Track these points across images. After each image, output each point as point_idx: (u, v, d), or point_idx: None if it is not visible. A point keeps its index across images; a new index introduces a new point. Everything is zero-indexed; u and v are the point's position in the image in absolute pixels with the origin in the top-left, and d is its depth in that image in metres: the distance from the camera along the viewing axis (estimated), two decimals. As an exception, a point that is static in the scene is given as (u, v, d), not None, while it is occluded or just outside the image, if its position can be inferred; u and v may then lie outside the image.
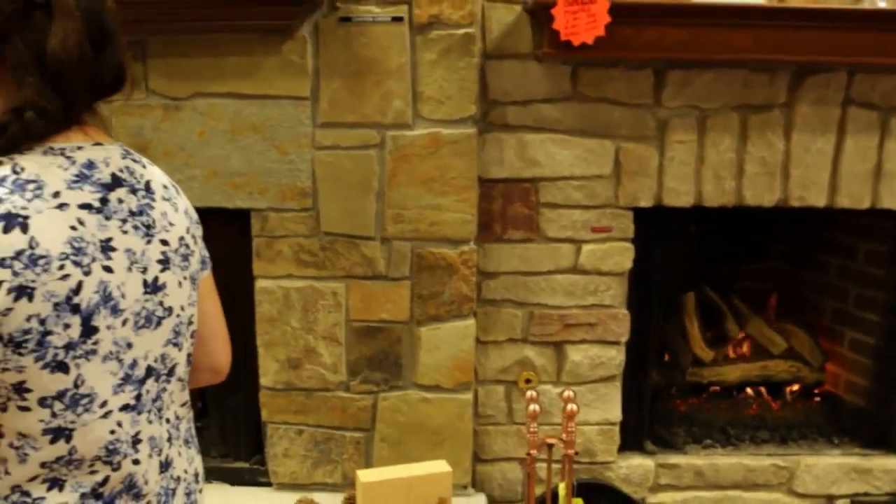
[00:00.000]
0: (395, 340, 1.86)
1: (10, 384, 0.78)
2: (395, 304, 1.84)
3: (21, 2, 0.77)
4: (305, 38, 1.72)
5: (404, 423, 1.91)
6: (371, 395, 1.90)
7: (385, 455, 1.92)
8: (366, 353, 1.87)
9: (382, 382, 1.89)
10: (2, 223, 0.74)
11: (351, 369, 1.88)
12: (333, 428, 1.92)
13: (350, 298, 1.84)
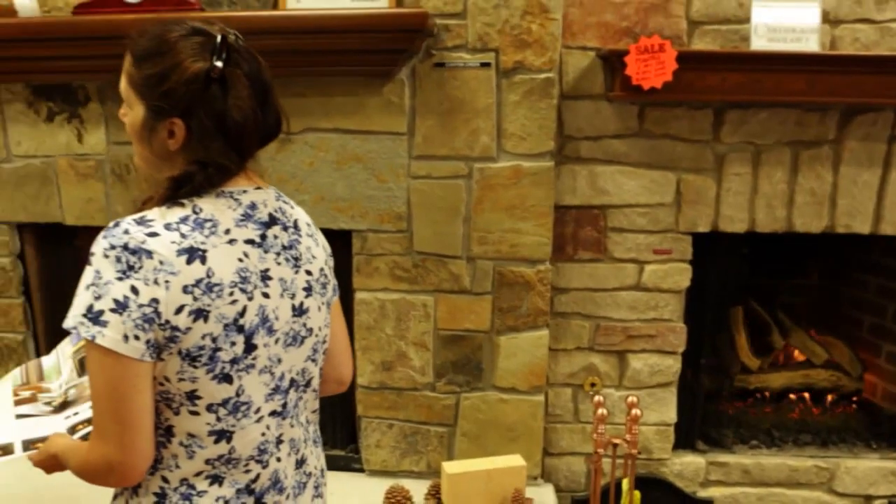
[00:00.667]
0: (476, 347, 2.10)
1: (184, 392, 0.92)
2: (478, 315, 2.07)
3: (202, 80, 0.91)
4: (404, 81, 1.95)
5: (483, 421, 2.14)
6: (454, 395, 2.14)
7: (465, 448, 2.16)
8: (450, 358, 2.11)
9: (465, 384, 2.12)
10: (186, 256, 0.88)
11: (437, 372, 2.12)
12: (420, 423, 2.17)
13: (438, 310, 2.08)
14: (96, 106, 2.05)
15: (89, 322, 0.85)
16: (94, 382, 0.89)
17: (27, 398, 1.32)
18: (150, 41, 0.94)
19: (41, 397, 1.32)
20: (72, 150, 2.08)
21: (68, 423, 1.26)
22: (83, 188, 2.10)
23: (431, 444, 2.18)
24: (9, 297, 2.22)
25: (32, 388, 1.34)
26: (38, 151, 2.10)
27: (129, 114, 0.97)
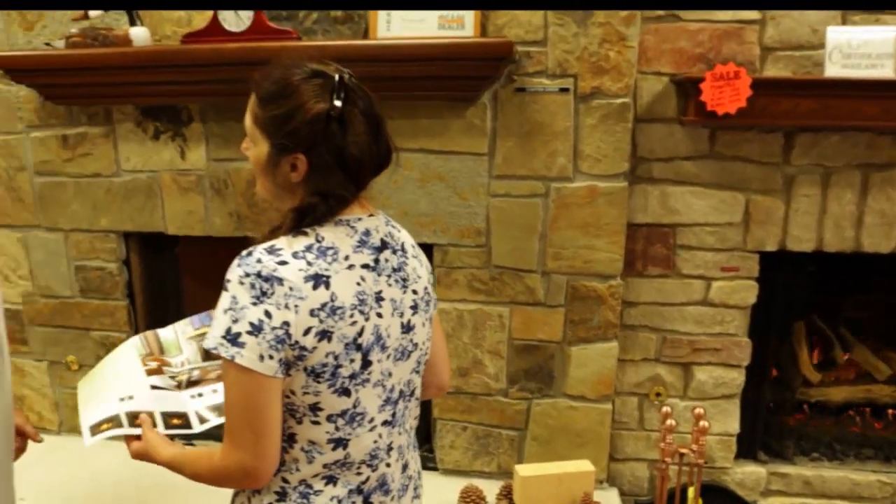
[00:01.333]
0: (548, 357, 2.21)
1: (307, 404, 1.01)
2: (551, 326, 2.18)
3: (323, 120, 0.99)
4: (486, 105, 2.06)
5: (553, 426, 2.25)
6: (526, 401, 2.25)
7: (535, 451, 2.28)
8: (523, 366, 2.23)
9: (536, 391, 2.24)
10: (312, 282, 0.97)
11: (510, 379, 2.24)
12: (492, 426, 2.29)
13: (513, 320, 2.19)
14: (198, 125, 2.21)
15: (228, 343, 0.95)
16: (230, 396, 0.99)
17: (154, 369, 1.41)
18: (274, 84, 1.03)
19: (166, 370, 1.42)
20: (175, 165, 2.25)
21: (194, 403, 1.35)
22: (184, 201, 2.27)
23: (503, 446, 2.30)
24: (115, 300, 2.41)
25: (157, 360, 1.43)
26: (144, 167, 2.27)
27: (253, 149, 1.06)
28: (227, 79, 2.03)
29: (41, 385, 2.55)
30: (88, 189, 2.32)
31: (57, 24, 2.21)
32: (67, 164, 2.31)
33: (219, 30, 2.02)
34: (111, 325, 2.42)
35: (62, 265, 2.41)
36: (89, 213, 2.34)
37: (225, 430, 1.01)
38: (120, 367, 1.44)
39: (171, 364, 1.46)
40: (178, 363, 1.46)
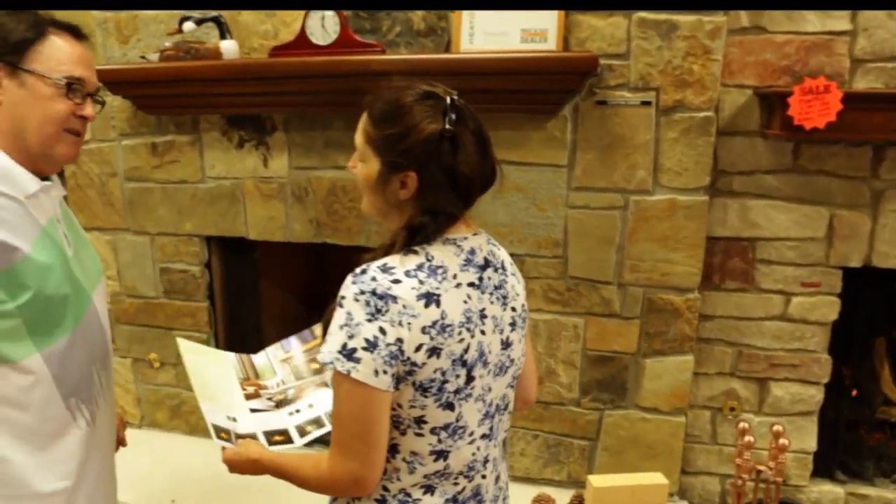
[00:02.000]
0: (622, 368, 2.21)
1: (413, 417, 1.05)
2: (626, 338, 2.18)
3: (436, 140, 1.02)
4: (566, 117, 2.07)
5: (624, 437, 2.26)
6: (598, 411, 2.26)
7: (605, 461, 2.28)
8: (596, 377, 2.23)
9: (609, 401, 2.24)
10: (424, 300, 1.00)
11: (583, 389, 2.25)
12: (563, 435, 2.30)
13: (587, 331, 2.20)
14: (281, 135, 2.27)
15: (344, 358, 0.99)
16: (342, 408, 1.03)
17: (252, 393, 1.48)
18: (387, 104, 1.06)
19: (263, 394, 1.49)
20: (258, 173, 2.32)
21: (292, 419, 1.42)
22: (266, 207, 2.34)
23: (573, 455, 2.31)
24: (197, 301, 2.50)
25: (254, 385, 1.51)
26: (228, 174, 2.35)
27: (363, 167, 1.09)
28: (313, 90, 2.10)
29: (125, 381, 2.67)
30: (175, 195, 2.41)
31: (150, 38, 2.30)
32: (155, 170, 2.40)
33: (306, 43, 2.07)
34: (192, 325, 2.51)
35: (148, 267, 2.51)
36: (175, 217, 2.43)
37: (333, 440, 1.05)
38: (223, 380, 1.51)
39: (267, 387, 1.53)
40: (274, 384, 1.53)
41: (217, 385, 1.49)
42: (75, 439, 1.31)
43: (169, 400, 2.65)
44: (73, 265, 1.30)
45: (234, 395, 1.48)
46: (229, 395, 1.47)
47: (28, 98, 1.20)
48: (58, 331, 1.26)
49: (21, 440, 1.23)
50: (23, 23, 1.21)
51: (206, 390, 1.43)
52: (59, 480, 1.29)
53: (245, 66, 2.10)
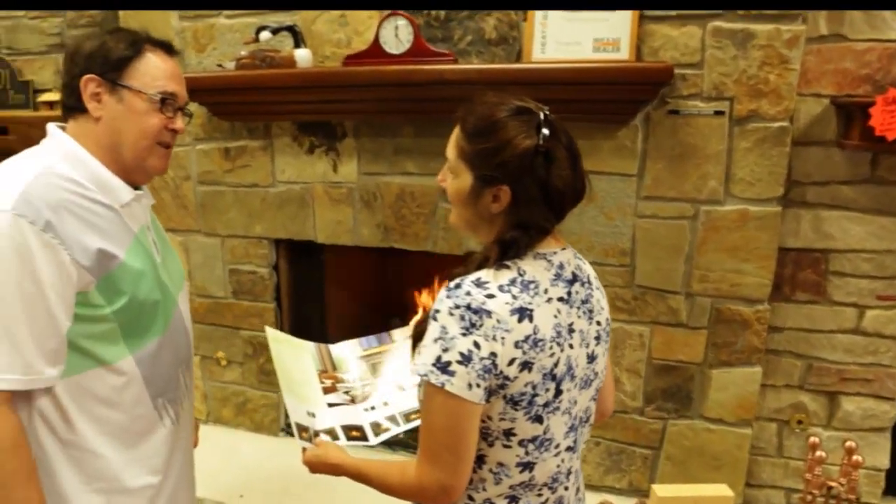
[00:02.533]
0: (688, 378, 2.20)
1: (502, 429, 1.06)
2: (692, 348, 2.17)
3: (531, 154, 1.03)
4: (637, 127, 2.07)
5: (688, 447, 2.25)
6: (661, 421, 2.25)
7: (668, 471, 2.28)
8: (661, 386, 2.23)
9: (673, 411, 2.24)
10: (517, 315, 1.01)
11: (647, 397, 2.25)
12: (626, 443, 2.30)
13: (653, 340, 2.20)
14: (351, 141, 2.32)
15: (438, 371, 1.01)
16: (434, 420, 1.05)
17: (329, 387, 1.51)
18: (481, 119, 1.08)
19: (339, 387, 1.52)
20: (327, 178, 2.37)
21: (367, 416, 1.45)
22: (335, 212, 2.39)
23: (635, 464, 2.31)
24: (264, 302, 2.57)
25: (331, 378, 1.54)
26: (298, 178, 2.40)
27: (454, 181, 1.11)
28: (385, 98, 2.14)
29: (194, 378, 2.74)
30: (245, 198, 2.48)
31: (226, 46, 2.37)
32: (228, 174, 2.47)
33: (379, 52, 2.11)
34: (259, 325, 2.58)
35: (218, 268, 2.58)
36: (245, 220, 2.50)
37: (423, 449, 1.07)
38: (304, 373, 1.55)
39: (344, 380, 1.56)
40: (350, 379, 1.56)
41: (300, 377, 1.53)
42: (161, 437, 1.37)
43: (234, 397, 2.72)
44: (161, 271, 1.35)
45: (314, 389, 1.51)
46: (309, 388, 1.51)
47: (125, 113, 1.25)
48: (148, 335, 1.31)
49: (113, 437, 1.29)
50: (122, 41, 1.26)
51: (290, 384, 1.47)
52: (147, 476, 1.34)
53: (320, 75, 2.14)
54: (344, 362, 1.59)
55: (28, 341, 1.14)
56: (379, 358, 1.62)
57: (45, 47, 2.80)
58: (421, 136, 2.24)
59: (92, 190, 1.23)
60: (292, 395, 1.44)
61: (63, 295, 1.16)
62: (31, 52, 2.83)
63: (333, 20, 2.25)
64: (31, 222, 1.12)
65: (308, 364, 1.56)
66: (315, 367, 1.56)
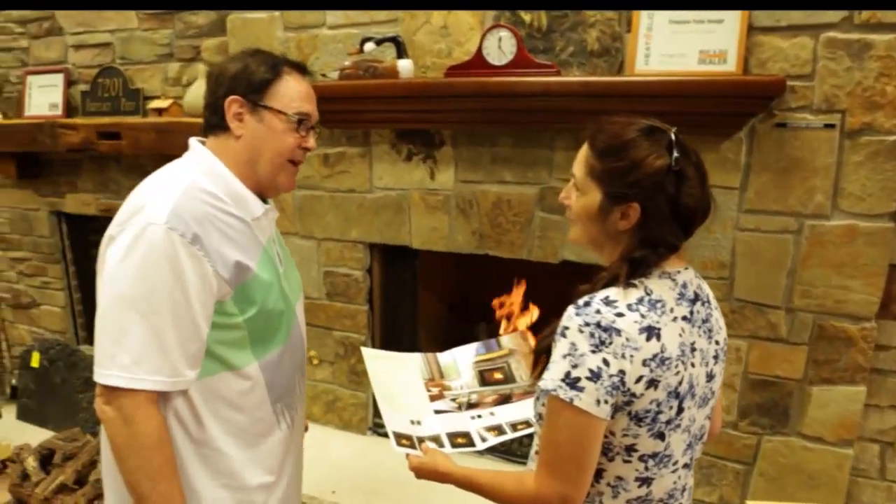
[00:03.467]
0: (785, 394, 2.16)
1: (623, 445, 1.09)
2: (791, 364, 2.13)
3: (663, 173, 1.07)
4: (742, 139, 2.04)
5: (783, 465, 2.21)
6: (756, 436, 2.22)
7: (760, 488, 2.24)
8: (756, 401, 2.20)
9: (768, 427, 2.20)
10: (646, 334, 1.04)
11: (741, 412, 2.22)
12: (718, 457, 2.28)
13: (750, 354, 2.17)
14: (449, 149, 2.37)
15: (567, 386, 1.04)
16: (559, 433, 1.08)
17: (436, 394, 1.57)
18: (613, 138, 1.11)
19: (446, 395, 1.57)
20: (424, 185, 2.43)
21: (474, 423, 1.49)
22: (430, 218, 2.44)
23: (727, 478, 2.28)
24: (357, 304, 2.65)
25: (438, 385, 1.59)
26: (395, 185, 2.47)
27: (580, 198, 1.14)
28: (486, 108, 2.18)
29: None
30: (343, 203, 2.56)
31: (329, 56, 2.45)
32: (326, 179, 2.56)
33: (482, 63, 2.15)
34: (351, 326, 2.66)
35: (313, 270, 2.68)
36: (341, 224, 2.58)
37: (545, 461, 1.11)
38: (407, 385, 1.60)
39: (451, 388, 1.60)
40: (458, 386, 1.60)
41: (401, 389, 1.58)
42: (278, 440, 1.44)
43: (325, 395, 2.81)
44: (284, 282, 1.42)
45: (419, 397, 1.56)
46: (414, 398, 1.56)
47: (264, 132, 1.33)
48: (273, 343, 1.39)
49: (236, 437, 1.36)
50: (263, 64, 1.34)
51: (390, 397, 1.52)
52: (264, 475, 1.42)
53: (424, 85, 2.20)
54: (451, 370, 1.64)
55: (175, 346, 1.22)
56: (487, 365, 1.66)
57: (155, 57, 2.96)
58: (519, 145, 2.27)
59: (228, 204, 1.31)
60: (391, 406, 1.50)
61: (205, 304, 1.25)
62: (143, 61, 2.99)
63: (435, 31, 2.31)
64: (182, 235, 1.21)
65: (413, 374, 1.62)
66: (422, 377, 1.61)
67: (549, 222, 2.28)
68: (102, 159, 3.17)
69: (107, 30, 3.04)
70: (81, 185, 3.30)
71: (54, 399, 3.59)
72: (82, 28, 3.10)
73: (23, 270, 3.66)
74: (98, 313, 1.25)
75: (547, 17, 2.17)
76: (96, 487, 2.81)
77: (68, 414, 3.52)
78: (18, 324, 3.79)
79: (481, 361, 1.66)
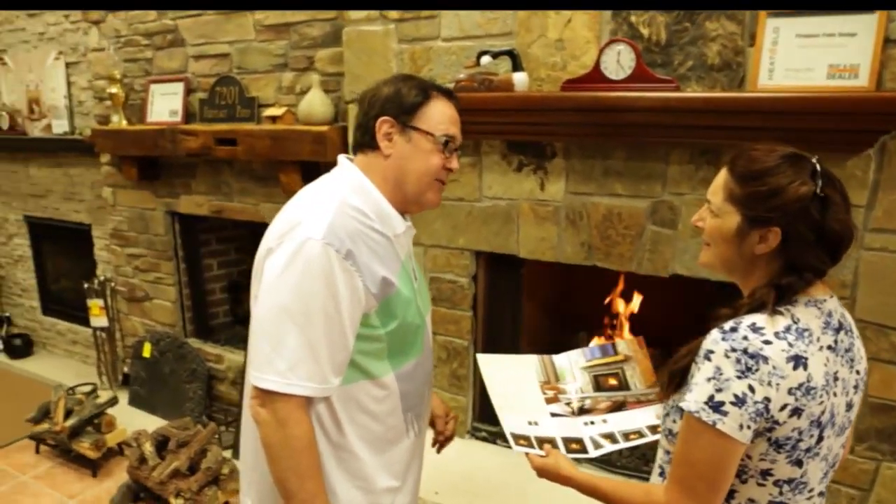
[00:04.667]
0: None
1: (759, 469, 1.10)
2: (916, 389, 2.07)
3: (808, 199, 1.08)
4: (871, 156, 1.99)
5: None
6: (874, 462, 2.16)
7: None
8: (876, 426, 2.14)
9: (889, 454, 2.14)
10: (793, 362, 1.05)
11: (858, 436, 2.16)
12: (832, 481, 2.22)
13: (870, 377, 2.11)
14: (560, 161, 2.40)
15: (710, 409, 1.06)
16: (697, 453, 1.10)
17: (552, 397, 1.59)
18: (756, 163, 1.13)
19: (561, 398, 1.60)
20: (534, 196, 2.47)
21: (587, 429, 1.51)
22: (539, 229, 2.48)
23: (840, 503, 2.23)
24: (461, 310, 2.71)
25: (553, 388, 1.62)
26: (504, 195, 2.52)
27: (716, 221, 1.17)
28: (602, 123, 2.20)
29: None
30: (452, 211, 2.63)
31: (442, 68, 2.53)
32: (435, 188, 2.63)
33: (599, 77, 2.17)
34: (455, 332, 2.72)
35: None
36: (449, 232, 2.65)
37: (678, 477, 1.13)
38: (523, 387, 1.64)
39: (566, 391, 1.63)
40: (572, 390, 1.63)
41: (517, 392, 1.62)
42: (405, 447, 1.50)
43: (424, 396, 2.89)
44: (418, 297, 1.48)
45: (536, 399, 1.59)
46: (530, 400, 1.59)
47: (413, 152, 1.39)
48: (409, 355, 1.46)
49: (369, 443, 1.43)
50: (414, 88, 1.40)
51: (506, 399, 1.56)
52: (391, 480, 1.48)
53: (542, 99, 2.24)
54: (566, 372, 1.66)
55: (325, 355, 1.30)
56: (601, 370, 1.68)
57: (270, 67, 3.10)
58: (632, 158, 2.28)
59: (374, 220, 1.37)
60: (508, 409, 1.54)
61: (354, 316, 1.32)
62: (258, 70, 3.14)
63: (550, 44, 2.34)
64: (337, 250, 1.28)
65: (530, 376, 1.65)
66: (538, 379, 1.65)
67: (661, 236, 2.28)
68: (216, 163, 3.34)
69: (225, 41, 3.21)
70: (195, 186, 3.49)
71: (163, 388, 3.81)
72: (203, 40, 3.29)
73: (138, 266, 3.90)
74: (256, 320, 1.34)
75: (666, 31, 2.17)
76: (207, 474, 2.98)
77: (175, 403, 3.73)
78: (132, 316, 4.04)
79: (596, 365, 1.67)
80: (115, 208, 3.92)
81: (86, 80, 4.03)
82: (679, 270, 2.28)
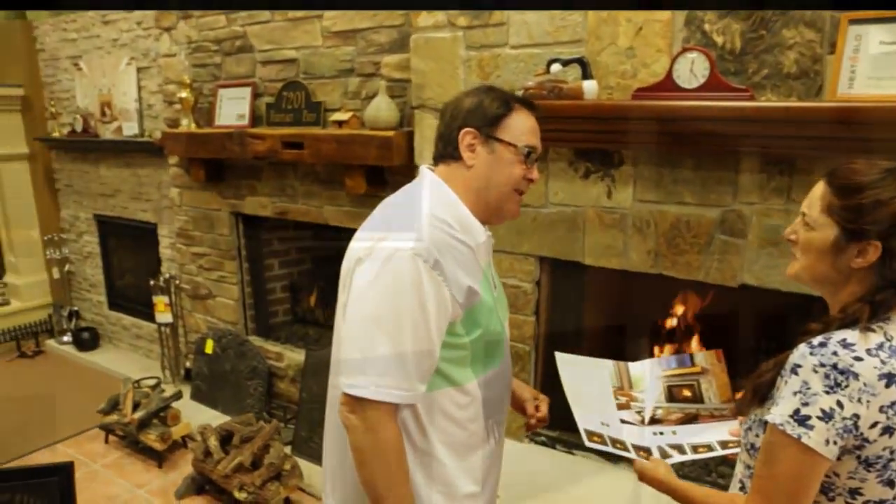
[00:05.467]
0: None
1: (848, 488, 1.10)
2: None
3: None
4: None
5: None
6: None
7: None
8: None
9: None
10: (885, 380, 1.05)
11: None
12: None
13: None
14: (628, 168, 2.40)
15: (795, 423, 1.06)
16: (780, 466, 1.10)
17: (623, 404, 1.61)
18: (856, 175, 1.13)
19: (633, 406, 1.61)
20: (600, 203, 2.47)
21: (655, 439, 1.52)
22: (605, 236, 2.48)
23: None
24: (524, 315, 2.73)
25: (626, 395, 1.63)
26: (570, 201, 2.53)
27: (810, 234, 1.17)
28: (675, 132, 2.19)
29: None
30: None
31: (510, 74, 2.55)
32: (500, 193, 2.65)
33: (672, 86, 2.16)
34: (517, 336, 2.74)
35: (481, 279, 2.78)
36: (513, 237, 2.67)
37: (760, 489, 1.14)
38: (597, 390, 1.65)
39: (638, 399, 1.64)
40: (644, 399, 1.63)
41: (590, 393, 1.64)
42: (485, 453, 1.52)
43: (484, 400, 2.91)
44: (498, 305, 1.51)
45: (608, 404, 1.62)
46: (602, 403, 1.62)
47: (495, 162, 1.42)
48: (491, 363, 1.48)
49: (451, 448, 1.45)
50: (496, 100, 1.44)
51: (580, 398, 1.59)
52: (472, 485, 1.50)
53: (613, 108, 2.24)
54: (641, 381, 1.67)
55: (413, 363, 1.33)
56: (677, 381, 1.68)
57: (336, 72, 3.18)
58: (701, 167, 2.27)
59: (457, 230, 1.40)
60: (582, 408, 1.57)
61: (440, 325, 1.35)
62: (324, 76, 3.22)
63: (620, 52, 2.35)
64: (425, 261, 1.31)
65: (604, 380, 1.67)
66: (611, 384, 1.66)
67: (730, 245, 2.26)
68: (281, 166, 3.44)
69: (293, 47, 3.30)
70: (260, 188, 3.59)
71: (224, 384, 3.93)
72: (270, 45, 3.38)
73: (202, 265, 4.03)
74: (346, 328, 1.38)
75: (741, 39, 2.15)
76: (270, 469, 3.06)
77: (236, 399, 3.84)
78: (196, 313, 4.18)
79: (671, 376, 1.67)
80: (181, 208, 4.06)
81: (155, 85, 4.18)
82: (748, 280, 2.26)
